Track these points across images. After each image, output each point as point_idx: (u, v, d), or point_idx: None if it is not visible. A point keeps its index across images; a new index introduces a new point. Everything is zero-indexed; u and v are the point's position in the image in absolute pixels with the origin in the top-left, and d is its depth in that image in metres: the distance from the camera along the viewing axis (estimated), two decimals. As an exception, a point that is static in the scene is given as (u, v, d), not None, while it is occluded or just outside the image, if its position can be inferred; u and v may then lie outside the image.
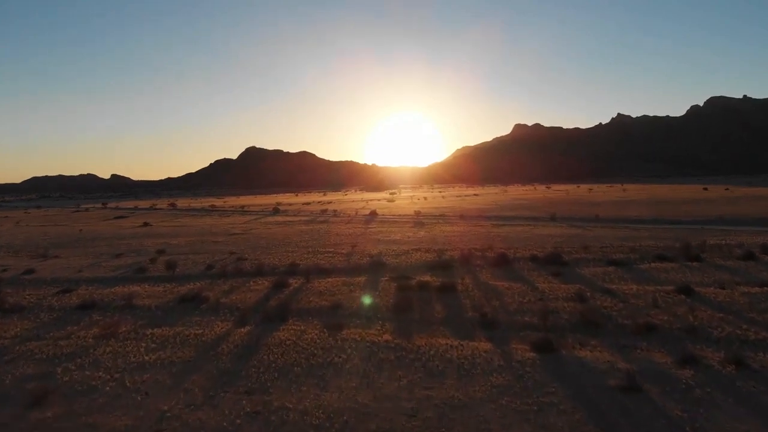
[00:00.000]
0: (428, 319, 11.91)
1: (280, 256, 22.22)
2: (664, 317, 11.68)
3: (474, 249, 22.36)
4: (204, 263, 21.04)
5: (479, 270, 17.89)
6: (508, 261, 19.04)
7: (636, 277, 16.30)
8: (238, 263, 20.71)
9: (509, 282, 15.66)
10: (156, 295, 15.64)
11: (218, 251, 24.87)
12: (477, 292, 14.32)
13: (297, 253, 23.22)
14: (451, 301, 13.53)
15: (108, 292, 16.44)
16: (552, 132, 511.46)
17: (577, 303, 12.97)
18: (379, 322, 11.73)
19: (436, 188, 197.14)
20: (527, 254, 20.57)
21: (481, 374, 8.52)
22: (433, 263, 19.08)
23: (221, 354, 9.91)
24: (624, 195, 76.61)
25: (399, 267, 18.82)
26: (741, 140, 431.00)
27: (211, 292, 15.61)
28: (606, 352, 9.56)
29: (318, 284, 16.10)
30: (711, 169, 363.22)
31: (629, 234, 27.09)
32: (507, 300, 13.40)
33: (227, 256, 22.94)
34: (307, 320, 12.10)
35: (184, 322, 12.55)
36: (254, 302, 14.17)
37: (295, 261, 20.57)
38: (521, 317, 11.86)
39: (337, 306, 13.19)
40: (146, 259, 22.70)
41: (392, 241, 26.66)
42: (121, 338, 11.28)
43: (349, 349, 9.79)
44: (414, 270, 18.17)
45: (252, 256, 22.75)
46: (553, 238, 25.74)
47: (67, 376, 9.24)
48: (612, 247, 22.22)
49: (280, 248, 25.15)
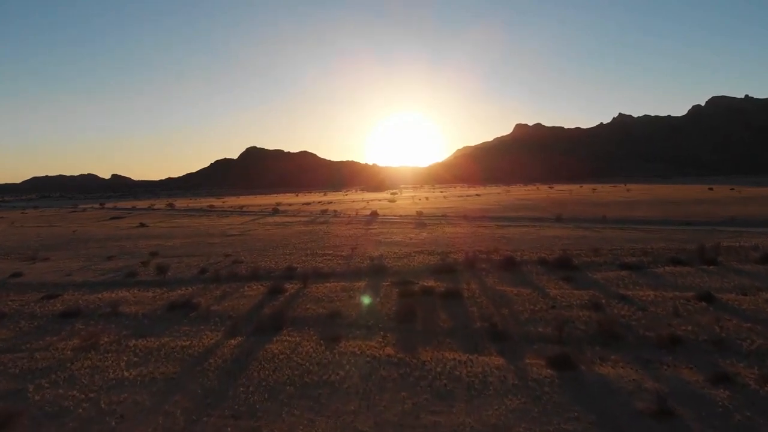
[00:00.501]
0: (433, 330, 11.05)
1: (277, 259, 21.37)
2: (687, 328, 10.81)
3: (479, 251, 21.49)
4: (197, 266, 20.19)
5: (485, 274, 17.02)
6: (515, 264, 18.18)
7: (652, 282, 15.42)
8: (232, 266, 19.86)
9: (518, 288, 14.79)
10: (144, 302, 14.79)
11: (213, 253, 24.02)
12: (484, 299, 13.45)
13: (295, 255, 22.37)
14: (457, 308, 12.66)
15: (94, 297, 15.60)
16: (553, 132, 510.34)
17: (593, 311, 12.10)
18: (381, 333, 10.87)
19: (438, 188, 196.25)
20: (535, 257, 19.71)
21: (494, 395, 7.66)
22: (437, 267, 18.21)
23: (208, 370, 9.05)
24: (629, 195, 75.69)
25: (401, 271, 17.96)
26: (743, 140, 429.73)
27: (203, 298, 14.76)
28: (630, 369, 8.69)
29: (316, 290, 15.24)
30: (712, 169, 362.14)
31: (639, 236, 26.21)
32: (517, 308, 12.53)
33: (222, 259, 22.09)
34: (302, 330, 11.24)
35: (171, 331, 11.70)
36: (247, 310, 13.32)
37: (292, 264, 19.72)
38: (534, 327, 10.99)
39: (336, 314, 12.33)
40: (138, 262, 21.86)
41: (394, 243, 25.80)
42: (102, 350, 10.43)
43: (348, 365, 8.93)
44: (417, 274, 17.31)
45: (248, 258, 21.89)
46: (560, 240, 24.86)
47: (38, 394, 8.40)
48: (623, 249, 21.35)
49: (277, 250, 24.29)
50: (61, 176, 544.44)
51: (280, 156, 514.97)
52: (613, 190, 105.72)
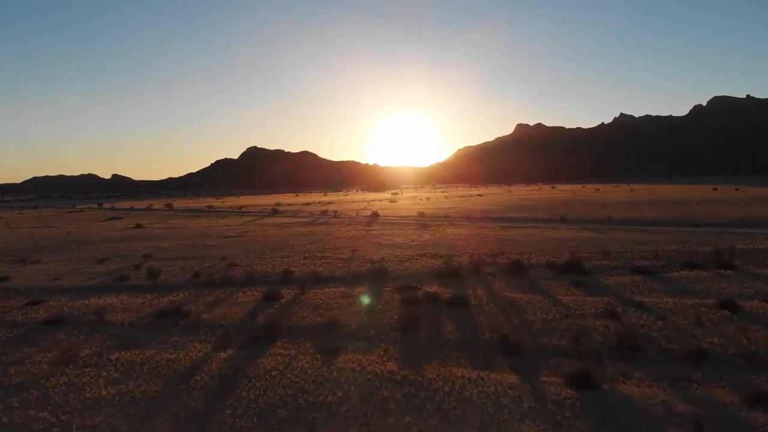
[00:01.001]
0: (439, 341, 10.24)
1: (274, 262, 20.57)
2: (713, 340, 10.01)
3: (484, 254, 20.69)
4: (191, 270, 19.40)
5: (492, 279, 16.22)
6: (522, 268, 17.37)
7: (667, 288, 14.61)
8: (227, 270, 19.07)
9: (527, 294, 13.98)
10: (132, 309, 13.99)
11: (209, 256, 23.22)
12: (493, 307, 12.64)
13: (293, 258, 21.57)
14: (463, 317, 11.86)
15: (81, 304, 14.81)
16: (554, 132, 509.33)
17: (610, 321, 11.30)
18: (382, 345, 10.08)
19: (439, 188, 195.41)
20: (543, 260, 18.90)
21: (509, 421, 6.85)
22: (441, 271, 17.40)
23: (193, 388, 8.25)
24: (633, 195, 74.79)
25: (403, 275, 17.15)
26: (744, 140, 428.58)
27: (194, 305, 13.96)
28: (657, 388, 7.90)
29: (313, 295, 14.44)
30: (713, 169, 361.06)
31: (648, 237, 25.40)
32: (528, 317, 11.72)
33: (218, 262, 21.29)
34: (298, 342, 10.44)
35: (157, 342, 10.91)
36: (240, 318, 12.52)
37: (289, 268, 18.92)
38: (548, 339, 10.18)
39: (334, 323, 11.53)
40: (130, 265, 21.07)
41: (395, 245, 24.99)
42: (81, 364, 9.65)
43: (347, 384, 8.12)
44: (420, 278, 16.50)
45: (244, 261, 21.10)
46: (567, 242, 24.05)
47: (6, 416, 7.63)
48: (633, 252, 20.54)
49: (275, 253, 23.49)
50: (62, 176, 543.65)
51: (280, 156, 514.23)
52: (616, 190, 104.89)
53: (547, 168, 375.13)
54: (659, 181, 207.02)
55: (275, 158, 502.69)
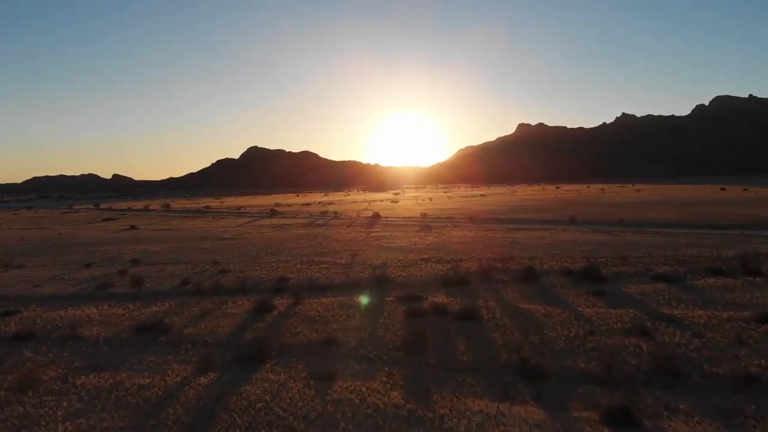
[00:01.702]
0: (450, 364, 9.01)
1: (268, 268, 19.34)
2: (760, 362, 8.78)
3: (492, 259, 19.47)
4: (180, 276, 18.18)
5: (503, 287, 14.99)
6: (535, 275, 16.13)
7: (696, 298, 13.38)
8: (218, 276, 17.86)
9: (544, 305, 12.74)
10: (111, 321, 12.77)
11: (201, 260, 22.00)
12: (508, 321, 11.40)
13: (289, 263, 20.34)
14: (476, 334, 10.62)
15: (56, 315, 13.60)
16: (556, 131, 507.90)
17: (641, 338, 10.06)
18: (385, 369, 8.85)
19: (441, 188, 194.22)
20: (556, 266, 17.67)
21: (541, 475, 5.61)
22: (447, 278, 16.17)
23: (165, 424, 7.03)
24: (640, 196, 73.36)
25: (407, 282, 15.93)
26: (747, 140, 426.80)
27: (178, 317, 12.74)
28: (708, 426, 6.68)
29: (309, 306, 13.21)
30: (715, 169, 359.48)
31: (664, 241, 24.15)
32: (548, 333, 10.48)
33: (209, 267, 20.07)
34: (289, 364, 9.22)
35: (132, 363, 9.69)
36: (227, 333, 11.30)
37: (285, 274, 17.71)
38: (574, 361, 8.95)
39: (331, 341, 10.30)
40: (116, 271, 19.87)
41: (398, 249, 23.77)
42: (42, 391, 8.43)
43: (344, 421, 6.88)
44: (425, 286, 15.28)
45: (237, 267, 19.88)
46: (579, 246, 22.80)
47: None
48: (652, 257, 19.31)
49: (270, 257, 22.27)
50: (62, 176, 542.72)
51: (281, 156, 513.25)
52: (621, 190, 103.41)
53: (548, 168, 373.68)
54: (663, 181, 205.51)
55: (276, 158, 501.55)
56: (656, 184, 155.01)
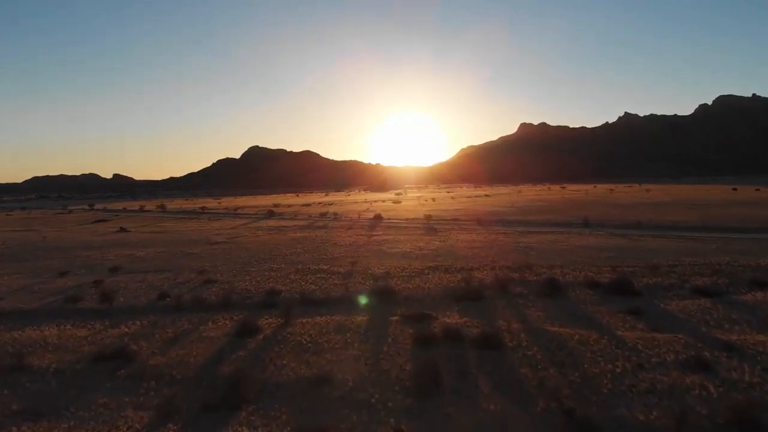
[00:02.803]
0: (474, 417, 7.11)
1: (259, 278, 17.46)
2: None
3: (507, 267, 17.60)
4: (160, 288, 16.31)
5: (524, 303, 13.10)
6: (559, 289, 14.24)
7: (749, 318, 11.50)
8: (202, 288, 15.99)
9: (576, 328, 10.85)
10: (68, 347, 10.90)
11: (187, 268, 20.14)
12: (537, 350, 9.50)
13: (282, 272, 18.46)
14: (500, 368, 8.73)
15: (9, 338, 11.73)
16: (558, 131, 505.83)
17: (703, 376, 8.18)
18: (390, 421, 6.97)
19: (443, 188, 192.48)
20: (580, 277, 15.78)
21: None
22: (459, 291, 14.28)
23: None
24: (649, 196, 71.13)
25: (413, 296, 14.05)
26: (751, 140, 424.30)
27: (146, 341, 10.86)
28: None
29: (301, 328, 11.32)
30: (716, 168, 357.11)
31: (691, 246, 22.25)
32: (590, 368, 8.58)
33: (194, 276, 18.20)
34: (270, 411, 7.35)
35: (79, 407, 7.84)
36: (200, 365, 9.41)
37: (276, 286, 15.83)
38: (629, 410, 7.06)
39: (324, 378, 8.42)
40: (92, 281, 18.00)
41: (401, 255, 21.89)
42: (-47, 450, 6.56)
43: None
44: (434, 302, 13.41)
45: (225, 276, 18.00)
46: (599, 252, 20.90)
47: None
48: (684, 266, 17.42)
49: (262, 264, 20.39)
50: (63, 176, 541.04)
51: (282, 155, 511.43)
52: (629, 190, 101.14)
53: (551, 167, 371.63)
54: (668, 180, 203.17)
55: (277, 158, 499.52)
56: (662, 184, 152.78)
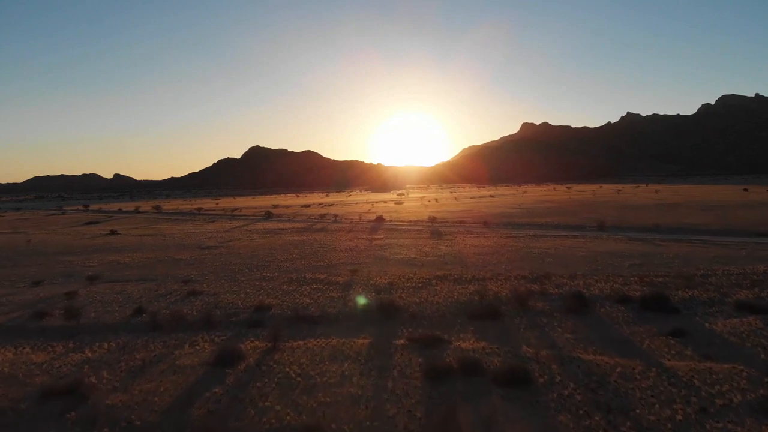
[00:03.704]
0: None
1: (249, 289, 15.78)
2: None
3: (523, 277, 15.93)
4: (137, 301, 14.66)
5: (549, 322, 11.43)
6: (586, 304, 12.56)
7: (814, 341, 9.81)
8: (184, 302, 14.33)
9: (613, 354, 9.20)
10: (18, 377, 9.26)
11: (172, 277, 18.48)
12: (572, 387, 7.82)
13: (275, 282, 16.79)
14: (533, 415, 7.05)
15: (-47, 363, 10.07)
16: (560, 131, 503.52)
17: (791, 427, 6.49)
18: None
19: (446, 188, 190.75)
20: (607, 289, 14.10)
21: None
22: (473, 306, 12.62)
23: None
24: (660, 197, 69.02)
25: (421, 313, 12.39)
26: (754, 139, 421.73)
27: (108, 372, 9.19)
28: None
29: (290, 355, 9.65)
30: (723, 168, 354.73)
31: (719, 252, 20.54)
32: (642, 413, 6.91)
33: (178, 287, 16.52)
34: (244, 482, 5.67)
35: (4, 468, 6.17)
36: (166, 407, 7.74)
37: (266, 299, 14.15)
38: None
39: (315, 429, 6.75)
40: (65, 292, 16.34)
41: (406, 262, 20.23)
42: None
43: None
44: (445, 320, 11.75)
45: (211, 287, 16.32)
46: (623, 259, 19.21)
47: None
48: (717, 275, 15.73)
49: (254, 272, 18.72)
50: (63, 176, 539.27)
51: (283, 155, 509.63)
52: (638, 191, 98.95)
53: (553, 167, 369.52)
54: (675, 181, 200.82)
55: (278, 158, 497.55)
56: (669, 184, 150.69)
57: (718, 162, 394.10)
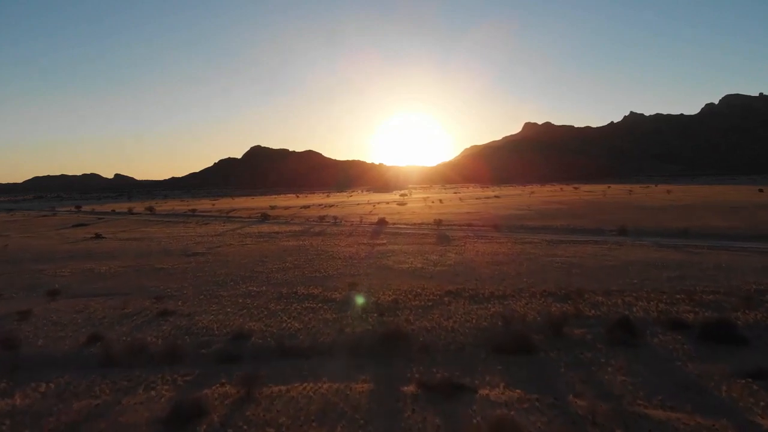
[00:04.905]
0: None
1: (230, 308, 13.55)
2: None
3: (550, 294, 13.70)
4: (96, 324, 12.44)
5: (595, 358, 9.19)
6: (634, 331, 10.32)
7: None
8: (150, 326, 12.10)
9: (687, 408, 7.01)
10: None
11: (146, 291, 16.26)
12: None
13: (261, 298, 14.56)
14: None
15: None
16: (563, 131, 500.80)
17: None
18: None
19: (449, 188, 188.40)
20: (653, 310, 11.86)
21: None
22: (497, 335, 10.39)
23: None
24: (674, 198, 66.30)
25: (434, 344, 10.16)
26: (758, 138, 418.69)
27: None
28: None
29: (267, 410, 7.42)
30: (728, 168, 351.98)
31: (765, 262, 18.29)
32: None
33: (149, 305, 14.27)
34: None
35: None
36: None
37: (247, 323, 11.91)
38: None
39: None
40: (18, 310, 14.11)
41: (412, 273, 18.00)
42: None
43: None
44: (465, 355, 9.54)
45: (187, 305, 14.09)
46: (659, 271, 16.94)
47: None
48: (778, 292, 13.47)
49: (239, 286, 16.49)
50: (63, 176, 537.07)
51: (285, 155, 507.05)
52: (649, 191, 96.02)
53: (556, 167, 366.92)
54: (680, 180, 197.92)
55: (279, 157, 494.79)
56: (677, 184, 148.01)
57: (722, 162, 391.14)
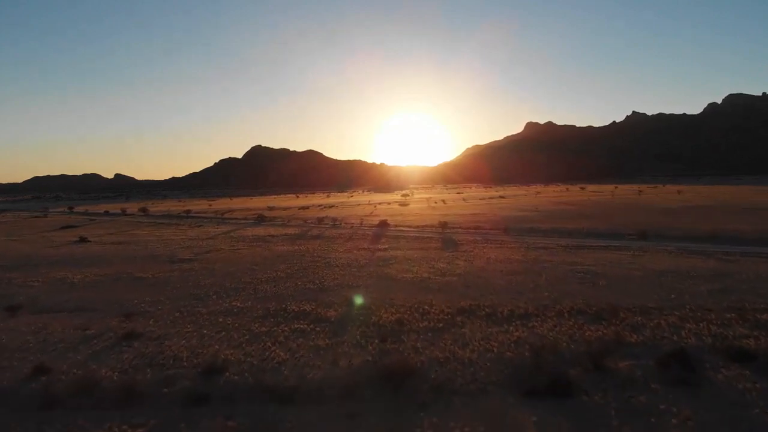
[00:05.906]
0: None
1: (206, 329, 11.65)
2: None
3: (579, 312, 11.84)
4: (47, 352, 10.56)
5: (650, 402, 7.33)
6: (691, 366, 8.45)
7: None
8: (108, 355, 10.21)
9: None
10: None
11: (116, 306, 14.36)
12: None
13: (244, 317, 12.66)
14: None
15: None
16: (565, 130, 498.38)
17: None
18: None
19: (451, 188, 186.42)
20: (706, 334, 10.00)
21: None
22: (524, 369, 8.53)
23: None
24: (687, 199, 63.94)
25: (449, 383, 8.29)
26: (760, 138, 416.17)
27: None
28: None
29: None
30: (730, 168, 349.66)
31: (811, 271, 16.38)
32: None
33: (115, 324, 12.37)
34: None
35: None
36: None
37: (223, 351, 10.00)
38: None
39: None
40: (-34, 330, 12.26)
41: (417, 284, 16.12)
42: None
43: None
44: (488, 397, 7.68)
45: (159, 324, 12.20)
46: (694, 283, 15.02)
47: None
48: None
49: (222, 301, 14.58)
50: (64, 176, 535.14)
51: (285, 155, 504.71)
52: (658, 191, 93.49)
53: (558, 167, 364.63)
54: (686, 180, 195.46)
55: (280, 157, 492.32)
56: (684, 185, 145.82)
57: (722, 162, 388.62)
